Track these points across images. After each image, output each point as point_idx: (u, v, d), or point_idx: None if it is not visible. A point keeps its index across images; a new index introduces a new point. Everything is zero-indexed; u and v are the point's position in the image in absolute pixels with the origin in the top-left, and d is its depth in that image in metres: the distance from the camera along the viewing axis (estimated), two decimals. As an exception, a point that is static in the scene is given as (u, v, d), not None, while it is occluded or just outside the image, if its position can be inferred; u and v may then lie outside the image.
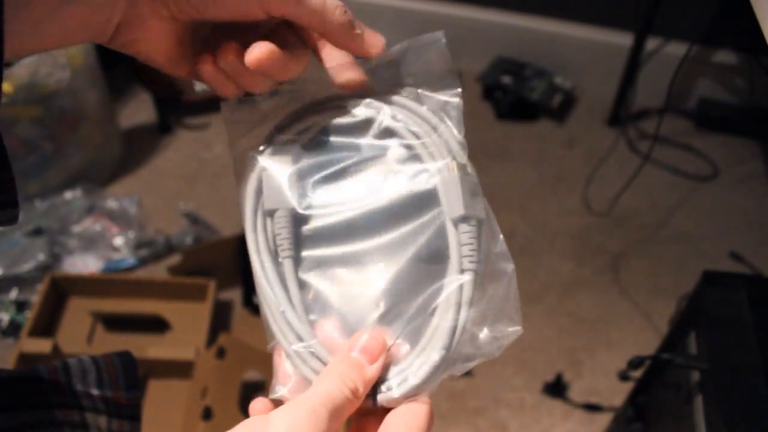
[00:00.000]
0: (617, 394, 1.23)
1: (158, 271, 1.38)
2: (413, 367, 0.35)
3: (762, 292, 0.77)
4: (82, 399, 0.45)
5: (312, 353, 0.37)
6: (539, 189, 1.60)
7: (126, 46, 0.38)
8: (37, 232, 1.35)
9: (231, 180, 0.40)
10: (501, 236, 0.38)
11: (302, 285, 0.38)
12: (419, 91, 0.40)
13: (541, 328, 1.34)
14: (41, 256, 1.31)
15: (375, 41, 0.39)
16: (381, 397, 0.35)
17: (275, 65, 0.37)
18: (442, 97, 0.40)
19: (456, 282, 0.36)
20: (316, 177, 0.40)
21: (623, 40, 1.67)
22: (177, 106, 1.66)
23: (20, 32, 0.33)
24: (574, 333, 1.34)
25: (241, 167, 0.40)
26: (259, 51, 0.36)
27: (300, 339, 0.37)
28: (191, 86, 1.63)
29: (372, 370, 0.35)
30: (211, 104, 1.68)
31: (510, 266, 0.37)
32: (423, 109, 0.40)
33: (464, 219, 0.37)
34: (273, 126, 0.40)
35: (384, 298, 0.37)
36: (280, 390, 0.37)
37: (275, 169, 0.39)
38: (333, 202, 0.39)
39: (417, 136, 0.39)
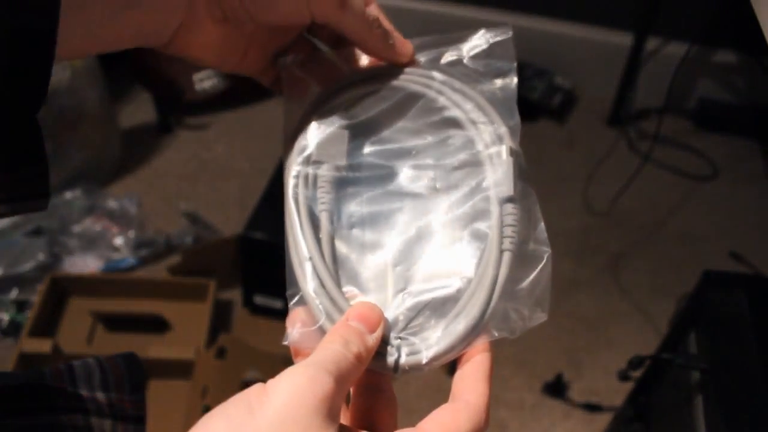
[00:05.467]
0: (617, 394, 1.23)
1: (158, 271, 1.38)
2: (438, 334, 0.36)
3: (762, 292, 0.77)
4: (86, 403, 0.45)
5: (333, 302, 0.36)
6: (539, 189, 1.59)
7: (180, 49, 0.39)
8: (37, 232, 1.35)
9: (231, 180, 0.41)
10: (542, 223, 0.39)
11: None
12: (473, 71, 0.43)
13: (541, 327, 1.33)
14: (41, 256, 1.31)
15: (405, 50, 0.42)
16: (410, 359, 0.35)
17: None
18: (497, 80, 0.43)
19: (494, 260, 0.37)
20: (362, 142, 0.41)
21: (623, 40, 1.67)
22: (177, 106, 1.66)
23: (74, 35, 0.33)
24: (574, 333, 1.34)
25: (292, 116, 0.42)
26: None
27: (323, 288, 0.36)
28: (191, 86, 1.63)
29: (372, 339, 0.34)
30: (211, 104, 1.68)
31: (547, 252, 0.38)
32: (473, 92, 0.42)
33: (510, 200, 0.39)
34: (328, 87, 0.43)
35: (413, 269, 0.38)
36: (291, 335, 0.36)
37: (328, 125, 0.40)
38: (377, 166, 0.41)
39: (467, 115, 0.41)
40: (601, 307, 1.38)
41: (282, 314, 1.29)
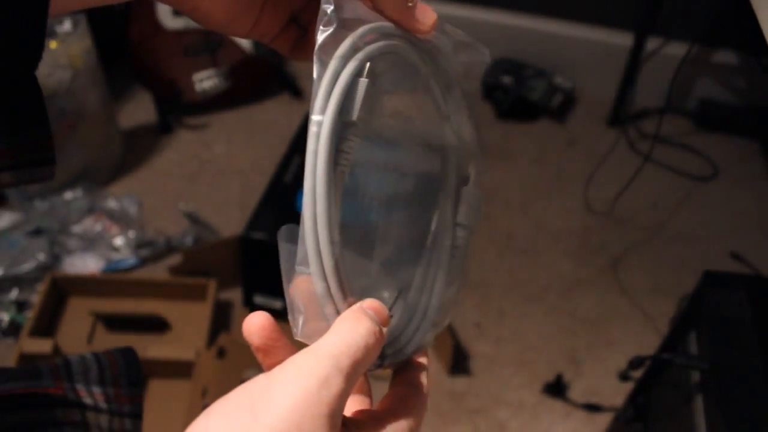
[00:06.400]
0: (617, 394, 1.23)
1: (158, 271, 1.38)
2: (408, 333, 0.38)
3: (762, 292, 0.77)
4: (83, 397, 0.45)
5: (341, 289, 0.34)
6: (539, 189, 1.60)
7: (184, 2, 0.36)
8: (37, 232, 1.35)
9: (231, 180, 0.39)
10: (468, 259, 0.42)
11: None
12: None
13: (542, 327, 1.34)
14: (41, 256, 1.31)
15: (425, 18, 0.36)
16: (396, 357, 0.37)
17: None
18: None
19: (443, 276, 0.40)
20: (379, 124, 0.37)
21: (623, 40, 1.67)
22: (177, 106, 1.66)
23: None
24: (574, 333, 1.34)
25: (326, 64, 0.33)
26: None
27: (337, 278, 0.33)
28: (191, 86, 1.63)
29: (384, 332, 0.33)
30: (211, 104, 1.68)
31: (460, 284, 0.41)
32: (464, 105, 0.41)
33: (466, 227, 0.41)
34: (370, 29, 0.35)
35: (382, 269, 0.38)
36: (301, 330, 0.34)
37: (376, 84, 0.34)
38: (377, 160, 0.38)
39: (453, 127, 0.41)
40: (601, 307, 1.38)
41: (282, 314, 1.29)
